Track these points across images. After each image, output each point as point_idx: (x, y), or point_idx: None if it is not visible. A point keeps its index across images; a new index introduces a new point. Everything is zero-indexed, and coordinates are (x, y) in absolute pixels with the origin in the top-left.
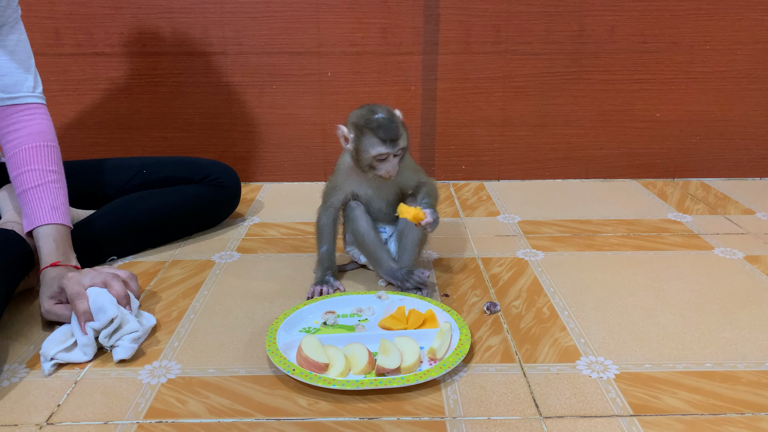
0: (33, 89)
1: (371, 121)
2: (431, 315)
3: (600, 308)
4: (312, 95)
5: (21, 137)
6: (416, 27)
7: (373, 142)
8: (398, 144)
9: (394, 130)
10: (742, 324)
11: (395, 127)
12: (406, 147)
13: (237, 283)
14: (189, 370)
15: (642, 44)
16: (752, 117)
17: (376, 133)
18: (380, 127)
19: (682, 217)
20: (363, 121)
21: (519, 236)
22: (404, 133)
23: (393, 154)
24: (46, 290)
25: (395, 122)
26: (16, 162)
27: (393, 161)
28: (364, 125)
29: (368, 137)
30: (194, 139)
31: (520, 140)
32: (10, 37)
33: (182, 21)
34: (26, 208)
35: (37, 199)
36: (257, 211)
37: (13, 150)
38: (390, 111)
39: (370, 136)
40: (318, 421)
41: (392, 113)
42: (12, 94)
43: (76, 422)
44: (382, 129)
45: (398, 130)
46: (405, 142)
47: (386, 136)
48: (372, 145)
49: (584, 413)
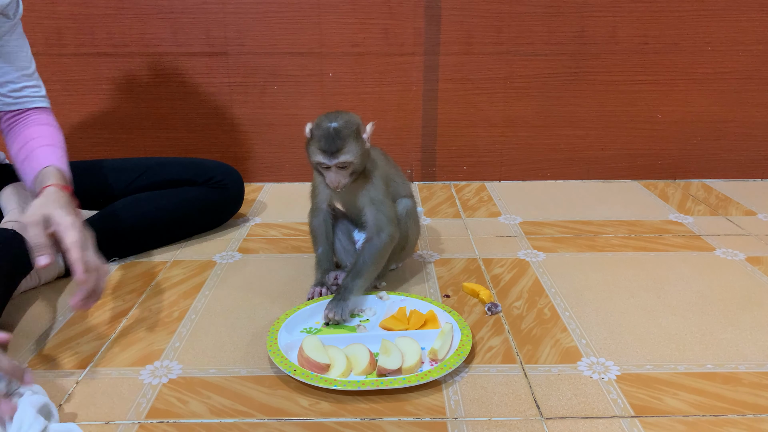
0: (37, 92)
1: (318, 128)
2: (432, 316)
3: (601, 309)
4: (313, 96)
5: (30, 140)
6: (418, 28)
7: (314, 150)
8: (338, 157)
9: (335, 144)
10: (743, 325)
11: (338, 141)
12: (352, 161)
13: (238, 283)
14: (190, 370)
15: (643, 45)
16: (753, 118)
17: (317, 142)
18: (322, 138)
19: (683, 218)
20: (314, 126)
21: (520, 237)
22: (352, 148)
23: (334, 166)
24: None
25: (340, 136)
26: (29, 166)
27: (335, 173)
28: (312, 130)
29: (312, 144)
30: (196, 139)
31: (522, 141)
32: (11, 43)
33: (184, 21)
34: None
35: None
36: (258, 211)
37: (23, 155)
38: (346, 124)
39: (313, 143)
40: (319, 422)
41: (345, 127)
42: (17, 99)
43: (78, 422)
44: (323, 139)
45: (339, 144)
46: (351, 158)
47: (325, 147)
48: (313, 153)
49: (585, 414)
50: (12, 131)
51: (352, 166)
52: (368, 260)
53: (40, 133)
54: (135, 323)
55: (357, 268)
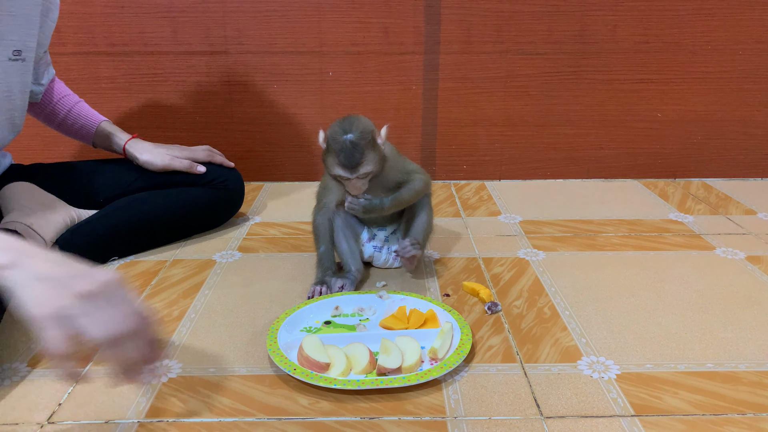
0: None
1: (334, 141)
2: (432, 315)
3: (601, 308)
4: (313, 95)
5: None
6: (417, 27)
7: (333, 164)
8: (358, 170)
9: (354, 158)
10: (743, 324)
11: (356, 155)
12: (372, 170)
13: (238, 282)
14: (190, 369)
15: (644, 44)
16: (754, 117)
17: (336, 156)
18: (340, 153)
19: (683, 217)
20: (330, 138)
21: (520, 236)
22: (371, 158)
23: (354, 178)
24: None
25: (359, 149)
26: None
27: (356, 182)
28: (329, 142)
29: (331, 156)
30: (195, 138)
31: (522, 140)
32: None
33: (183, 20)
34: (80, 117)
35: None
36: (258, 210)
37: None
38: (362, 134)
39: (331, 156)
40: (319, 421)
41: (361, 138)
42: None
43: (77, 421)
44: (341, 154)
45: (358, 158)
46: (371, 167)
47: (345, 162)
48: (332, 166)
49: (585, 413)
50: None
51: (371, 174)
52: (407, 193)
53: (69, 92)
54: None
55: (395, 196)
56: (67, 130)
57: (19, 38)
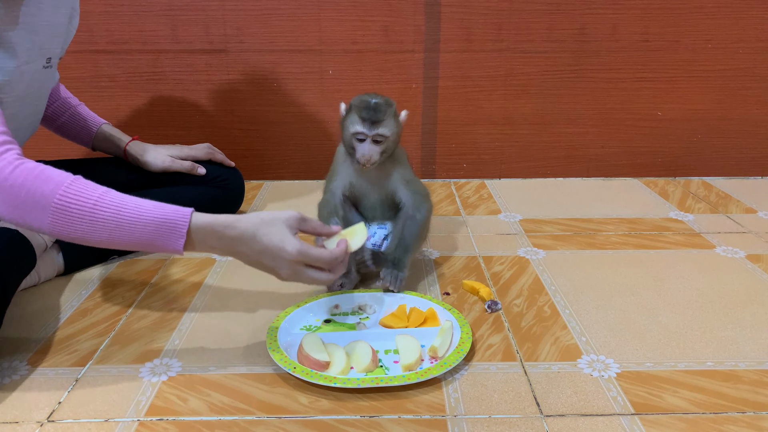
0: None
1: (360, 101)
2: (432, 313)
3: (601, 307)
4: (313, 93)
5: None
6: (418, 25)
7: (354, 120)
8: (377, 128)
9: (376, 115)
10: (743, 323)
11: (379, 113)
12: (389, 136)
13: (238, 280)
14: (190, 368)
15: (644, 42)
16: (754, 115)
17: (358, 112)
18: (364, 108)
19: (683, 215)
20: (355, 100)
21: (520, 235)
22: (390, 124)
23: (371, 138)
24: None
25: (381, 109)
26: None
27: (370, 146)
28: (353, 104)
29: (352, 115)
30: (195, 137)
31: (522, 138)
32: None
33: (183, 18)
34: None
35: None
36: (259, 208)
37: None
38: (386, 102)
39: (353, 114)
40: (319, 419)
41: (385, 103)
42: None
43: (77, 420)
44: (365, 110)
45: (380, 115)
46: (389, 132)
47: (366, 116)
48: (352, 123)
49: (585, 412)
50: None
51: (386, 143)
52: (414, 235)
53: (69, 95)
54: (134, 321)
55: (405, 243)
56: (67, 132)
57: (52, 47)
